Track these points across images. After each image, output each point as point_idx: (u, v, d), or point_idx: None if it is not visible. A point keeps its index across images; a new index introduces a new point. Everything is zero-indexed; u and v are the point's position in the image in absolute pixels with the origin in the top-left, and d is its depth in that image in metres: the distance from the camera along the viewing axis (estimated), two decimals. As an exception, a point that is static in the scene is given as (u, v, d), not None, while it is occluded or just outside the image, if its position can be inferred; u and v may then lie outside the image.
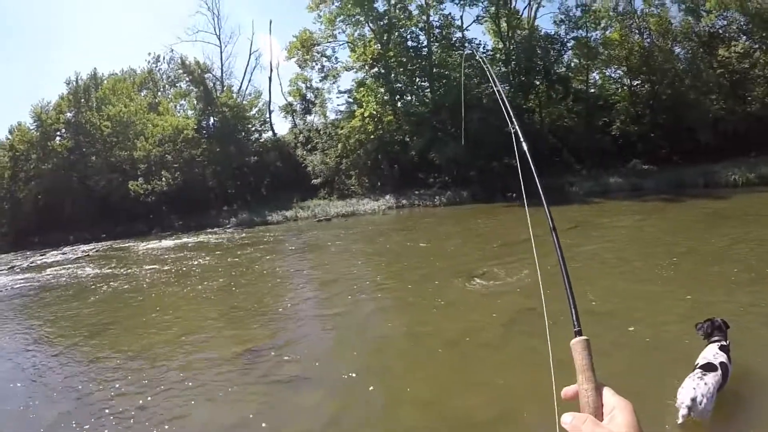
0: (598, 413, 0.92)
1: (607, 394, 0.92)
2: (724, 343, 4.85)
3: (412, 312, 8.97)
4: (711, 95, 30.70)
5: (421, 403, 5.51)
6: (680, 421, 4.15)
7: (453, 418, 5.12)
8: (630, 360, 5.80)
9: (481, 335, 7.39)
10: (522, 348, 6.80)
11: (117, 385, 6.55)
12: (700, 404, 4.11)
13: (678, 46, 33.19)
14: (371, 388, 5.97)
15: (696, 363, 4.65)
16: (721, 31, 32.67)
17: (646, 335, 6.40)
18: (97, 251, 23.21)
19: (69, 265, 18.99)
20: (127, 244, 24.31)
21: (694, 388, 4.20)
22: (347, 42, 34.70)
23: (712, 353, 4.69)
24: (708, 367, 4.43)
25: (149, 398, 6.03)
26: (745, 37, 32.47)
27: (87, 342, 8.80)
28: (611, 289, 8.70)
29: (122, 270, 16.47)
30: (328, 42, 35.37)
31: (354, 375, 6.28)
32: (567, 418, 0.91)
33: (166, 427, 5.29)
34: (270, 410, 5.53)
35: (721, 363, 4.50)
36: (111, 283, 14.19)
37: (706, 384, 4.22)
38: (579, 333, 1.05)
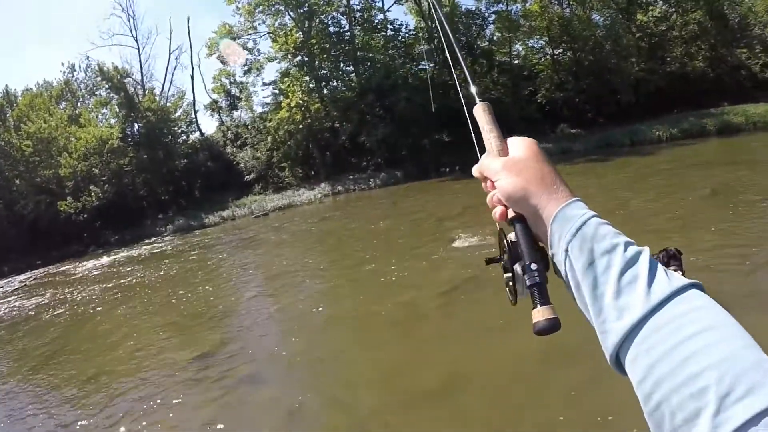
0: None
1: (510, 140, 0.87)
2: (679, 271, 4.91)
3: (356, 296, 9.18)
4: (631, 58, 31.60)
5: (374, 383, 5.72)
6: None
7: (407, 392, 5.24)
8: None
9: (424, 310, 7.64)
10: (463, 317, 7.05)
11: (74, 414, 6.41)
12: None
13: (597, 14, 33.94)
14: (324, 376, 6.10)
15: None
16: (638, -3, 33.58)
17: None
18: (34, 279, 21.98)
19: (7, 299, 17.90)
20: (64, 268, 23.19)
21: None
22: (268, 32, 34.05)
23: None
24: None
25: (108, 422, 5.95)
26: (661, 1, 33.43)
27: (37, 374, 8.48)
28: None
29: (63, 295, 15.67)
30: (248, 34, 34.63)
31: (306, 365, 6.45)
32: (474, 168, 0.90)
33: None
34: (229, 411, 5.55)
35: None
36: (54, 310, 13.55)
37: None
38: (481, 100, 0.97)
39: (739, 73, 30.60)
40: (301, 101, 30.99)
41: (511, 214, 0.80)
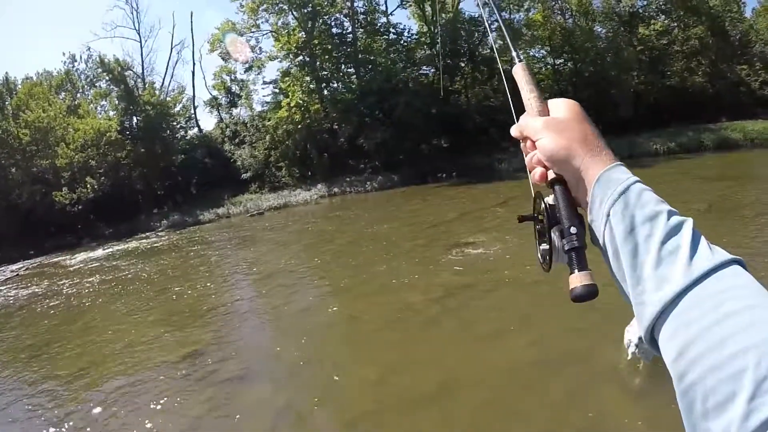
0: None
1: (552, 101, 0.85)
2: None
3: (349, 297, 9.15)
4: (632, 71, 31.67)
5: (365, 386, 5.66)
6: (629, 357, 4.50)
7: (398, 395, 5.26)
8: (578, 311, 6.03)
9: (417, 314, 7.62)
10: (457, 323, 7.03)
11: (63, 406, 6.40)
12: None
13: (599, 26, 34.13)
14: (316, 376, 6.07)
15: None
16: (641, 11, 33.77)
17: None
18: (27, 270, 21.85)
19: None
20: (57, 259, 23.08)
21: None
22: (271, 31, 34.01)
23: None
24: None
25: (97, 415, 5.93)
26: (663, 15, 33.62)
27: (27, 366, 8.43)
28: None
29: (55, 287, 15.60)
30: (251, 32, 34.57)
31: (298, 365, 6.40)
32: (513, 130, 0.88)
33: None
34: (219, 410, 5.53)
35: None
36: (46, 302, 13.46)
37: None
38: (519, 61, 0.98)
39: (739, 89, 30.77)
40: (301, 101, 30.97)
41: (551, 175, 0.78)
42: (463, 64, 33.56)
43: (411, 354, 6.27)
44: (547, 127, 0.77)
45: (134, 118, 35.70)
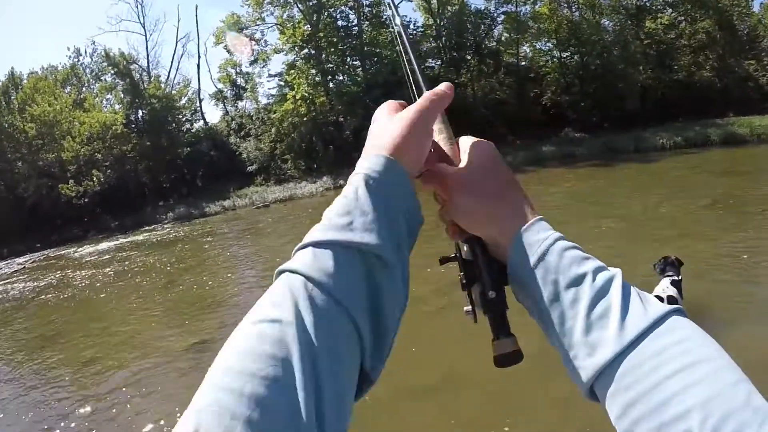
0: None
1: (463, 140, 0.77)
2: (675, 278, 5.21)
3: None
4: (639, 65, 31.55)
5: None
6: None
7: (400, 387, 5.20)
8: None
9: (419, 308, 7.53)
10: (459, 318, 6.77)
11: (71, 396, 6.44)
12: None
13: (606, 19, 33.91)
14: None
15: None
16: (648, 4, 33.58)
17: None
18: (33, 262, 21.98)
19: (5, 280, 17.96)
20: (63, 251, 23.18)
21: None
22: (276, 24, 33.89)
23: (662, 287, 5.10)
24: None
25: (104, 405, 5.97)
26: (671, 9, 33.41)
27: (35, 356, 8.48)
28: None
29: (62, 279, 15.68)
30: (256, 25, 34.46)
31: None
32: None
33: (124, 429, 5.30)
34: None
35: (669, 296, 4.90)
36: (51, 294, 13.55)
37: None
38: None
39: (746, 84, 30.58)
40: (306, 94, 30.91)
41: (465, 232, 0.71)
42: (469, 57, 33.48)
43: (414, 346, 6.24)
44: (457, 188, 0.70)
45: (140, 112, 35.93)
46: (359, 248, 0.55)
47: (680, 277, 5.29)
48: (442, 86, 0.73)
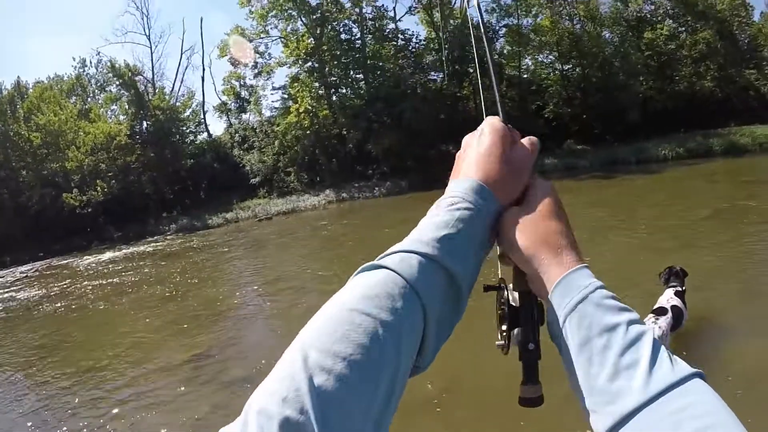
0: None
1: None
2: (679, 288, 5.30)
3: None
4: (639, 76, 31.66)
5: None
6: None
7: (402, 397, 4.99)
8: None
9: None
10: (462, 328, 6.77)
11: (68, 405, 6.47)
12: None
13: (607, 31, 34.05)
14: None
15: (653, 307, 5.09)
16: (648, 15, 33.75)
17: None
18: (36, 271, 22.04)
19: (7, 289, 18.00)
20: (66, 261, 23.25)
21: None
22: (280, 37, 34.14)
23: (666, 298, 5.16)
24: (660, 311, 4.88)
25: (102, 415, 6.00)
26: (671, 20, 33.57)
27: (34, 366, 8.53)
28: None
29: (64, 288, 15.74)
30: (260, 38, 34.73)
31: None
32: None
33: None
34: (221, 414, 5.55)
35: (673, 306, 4.97)
36: (53, 304, 13.59)
37: (660, 327, 4.64)
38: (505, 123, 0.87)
39: (748, 94, 30.64)
40: (309, 107, 31.10)
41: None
42: (471, 70, 33.64)
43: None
44: (512, 222, 0.75)
45: (144, 123, 36.07)
46: (446, 268, 0.64)
47: (684, 288, 5.38)
48: (534, 139, 0.85)
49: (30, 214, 32.44)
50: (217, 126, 57.42)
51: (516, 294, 0.77)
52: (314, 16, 32.33)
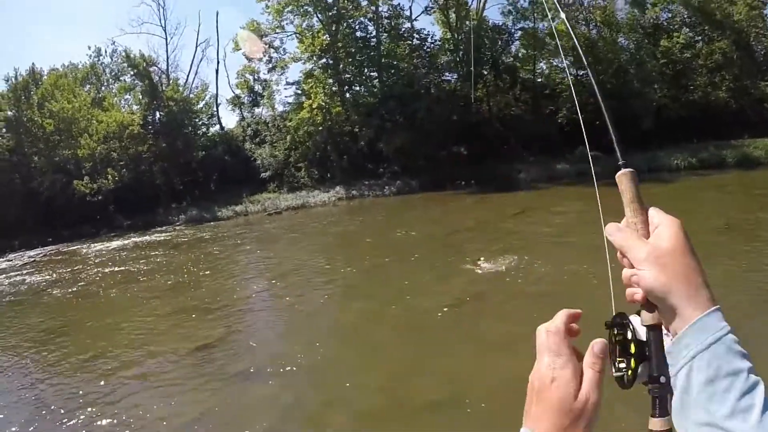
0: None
1: (653, 213, 0.85)
2: None
3: (363, 301, 9.16)
4: (654, 84, 31.44)
5: (373, 389, 5.69)
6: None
7: (405, 401, 5.32)
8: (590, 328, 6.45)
9: (429, 320, 7.63)
10: (467, 332, 7.10)
11: (75, 390, 6.53)
12: None
13: (623, 38, 33.87)
14: (323, 377, 6.13)
15: None
16: (665, 23, 33.57)
17: (591, 307, 7.00)
18: (44, 256, 22.20)
19: (16, 272, 18.15)
20: (75, 247, 23.41)
21: None
22: (295, 33, 34.12)
23: None
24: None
25: (108, 400, 6.07)
26: (687, 29, 33.40)
27: (41, 349, 8.63)
28: (552, 272, 9.17)
29: (72, 274, 15.89)
30: (275, 33, 34.74)
31: (307, 365, 6.45)
32: (610, 228, 0.88)
33: (126, 426, 5.36)
34: (226, 404, 5.62)
35: None
36: (61, 289, 13.72)
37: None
38: (625, 165, 0.94)
39: (762, 106, 30.41)
40: (323, 103, 31.05)
41: (641, 298, 0.80)
42: (485, 72, 33.61)
43: (422, 360, 6.32)
44: (650, 261, 0.78)
45: (157, 113, 36.18)
46: None
47: None
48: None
49: (41, 199, 32.54)
50: (229, 119, 57.43)
51: (642, 328, 0.81)
52: (330, 13, 32.31)
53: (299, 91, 34.00)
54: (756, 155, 23.76)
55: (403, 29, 34.57)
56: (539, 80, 34.60)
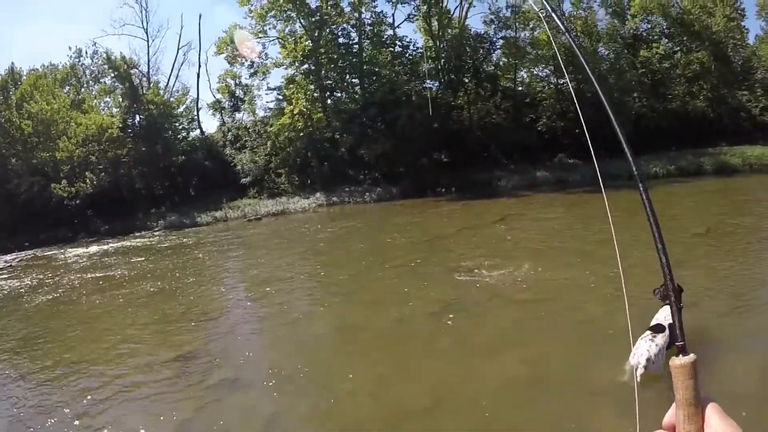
0: None
1: (714, 418, 0.77)
2: (678, 306, 5.15)
3: (344, 307, 9.11)
4: (633, 93, 31.83)
5: (357, 397, 5.62)
6: (638, 379, 4.69)
7: (390, 408, 5.24)
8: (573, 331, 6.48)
9: (412, 327, 7.62)
10: (452, 338, 7.01)
11: (50, 400, 6.34)
12: (653, 363, 4.82)
13: (603, 47, 34.27)
14: (307, 385, 6.00)
15: (651, 324, 5.33)
16: (644, 34, 34.11)
17: (576, 314, 7.12)
18: (20, 261, 21.70)
19: None
20: (52, 252, 22.97)
21: (647, 350, 4.89)
22: (278, 38, 34.05)
23: (663, 315, 5.47)
24: (657, 329, 5.16)
25: (84, 411, 5.88)
26: (666, 39, 33.92)
27: (15, 357, 8.41)
28: (535, 278, 9.12)
29: (49, 280, 15.50)
30: (258, 38, 34.59)
31: (289, 374, 6.32)
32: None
33: None
34: (206, 414, 5.48)
35: (670, 324, 5.14)
36: (38, 295, 13.37)
37: (656, 345, 4.95)
38: (683, 350, 0.85)
39: (739, 114, 31.04)
40: (304, 109, 30.94)
41: None
42: (466, 80, 33.74)
43: (405, 367, 6.25)
44: None
45: (137, 117, 35.77)
46: None
47: (681, 305, 5.34)
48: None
49: (17, 202, 31.92)
50: (210, 124, 57.02)
51: None
52: (313, 19, 32.30)
53: (280, 97, 33.95)
54: (733, 163, 24.11)
55: (385, 36, 34.69)
56: (520, 89, 34.86)
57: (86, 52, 39.91)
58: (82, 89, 39.44)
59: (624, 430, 4.34)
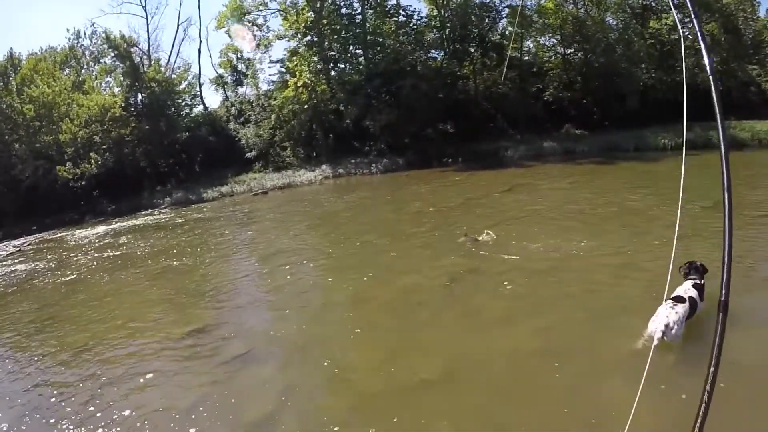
0: None
1: None
2: (698, 282, 5.67)
3: (354, 279, 8.97)
4: (641, 64, 31.34)
5: (370, 368, 5.62)
6: (656, 343, 4.59)
7: (403, 379, 5.22)
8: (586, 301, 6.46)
9: (423, 297, 7.56)
10: (462, 308, 6.97)
11: (67, 380, 6.34)
12: (672, 330, 4.82)
13: (611, 17, 33.68)
14: (319, 358, 5.98)
15: (672, 295, 5.31)
16: (653, 4, 33.39)
17: (589, 285, 7.08)
18: (29, 245, 21.63)
19: (2, 263, 17.62)
20: (60, 235, 22.92)
21: (667, 316, 4.88)
22: (279, 10, 33.53)
23: (684, 289, 5.51)
24: (678, 299, 5.19)
25: (101, 390, 5.89)
26: (676, 10, 33.14)
27: (30, 340, 8.39)
28: (544, 247, 9.02)
29: (58, 262, 15.48)
30: (259, 10, 34.12)
31: (301, 347, 6.36)
32: None
33: (122, 416, 5.20)
34: (221, 390, 5.48)
35: (690, 297, 5.29)
36: (48, 277, 13.36)
37: (677, 313, 4.95)
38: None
39: (749, 88, 30.54)
40: (308, 81, 30.52)
41: None
42: (472, 50, 33.28)
43: (415, 338, 6.22)
44: None
45: (139, 95, 35.52)
46: None
47: (703, 281, 5.69)
48: None
49: (23, 187, 31.94)
50: (213, 99, 56.73)
51: None
52: (314, -11, 31.75)
53: (283, 70, 33.58)
54: (742, 137, 23.78)
55: (389, 6, 34.01)
56: (526, 58, 34.39)
57: (85, 33, 39.58)
58: (83, 70, 39.16)
59: (635, 399, 4.34)
